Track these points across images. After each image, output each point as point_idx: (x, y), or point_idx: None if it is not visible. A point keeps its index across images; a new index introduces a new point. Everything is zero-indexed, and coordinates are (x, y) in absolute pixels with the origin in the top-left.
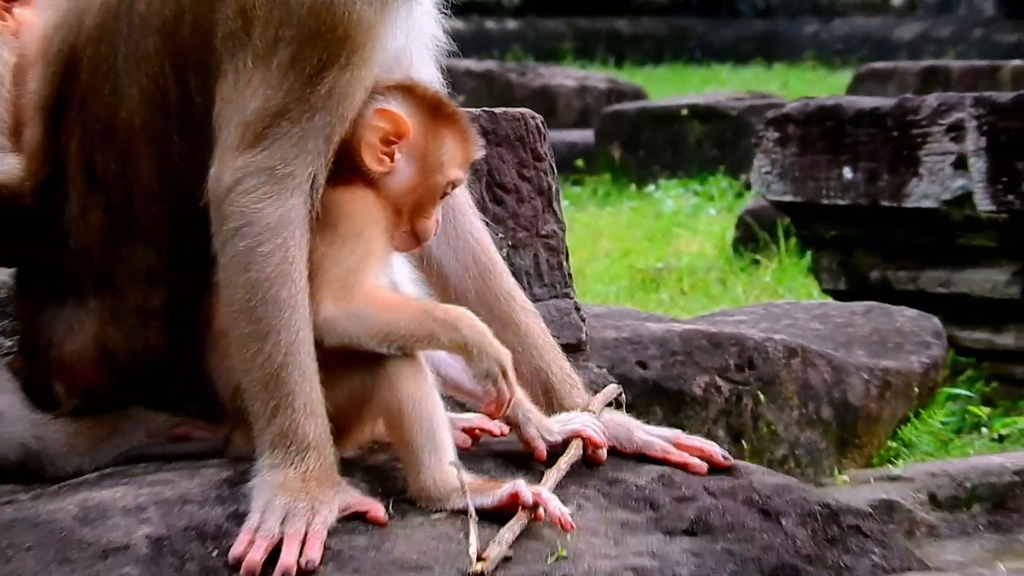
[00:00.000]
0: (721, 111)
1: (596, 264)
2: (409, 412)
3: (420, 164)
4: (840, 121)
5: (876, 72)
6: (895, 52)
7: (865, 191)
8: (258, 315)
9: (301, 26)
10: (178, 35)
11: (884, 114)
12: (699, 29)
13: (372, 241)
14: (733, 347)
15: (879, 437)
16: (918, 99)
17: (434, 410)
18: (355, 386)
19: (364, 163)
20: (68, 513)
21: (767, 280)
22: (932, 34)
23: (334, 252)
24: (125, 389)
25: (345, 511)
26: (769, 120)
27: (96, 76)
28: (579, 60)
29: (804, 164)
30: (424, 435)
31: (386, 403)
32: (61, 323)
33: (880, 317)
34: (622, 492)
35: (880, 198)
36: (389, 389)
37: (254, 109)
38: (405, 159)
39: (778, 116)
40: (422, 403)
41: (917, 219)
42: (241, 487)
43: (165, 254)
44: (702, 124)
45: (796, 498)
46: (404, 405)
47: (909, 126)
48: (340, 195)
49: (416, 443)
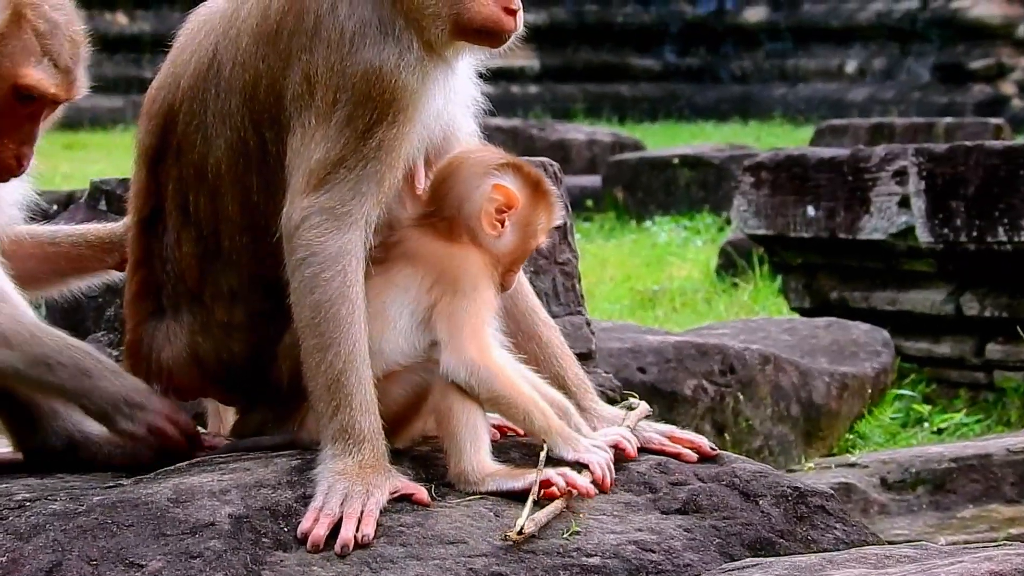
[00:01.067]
0: (706, 160)
1: (603, 287)
2: (457, 410)
3: (522, 231)
4: (805, 168)
5: (834, 128)
6: (849, 111)
7: (825, 225)
8: (321, 330)
9: (355, 91)
10: (256, 96)
11: (841, 162)
12: (688, 92)
13: (487, 293)
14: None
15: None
16: (868, 150)
17: (477, 410)
18: (414, 388)
19: (481, 227)
20: (163, 495)
21: (745, 299)
22: (879, 96)
23: (461, 303)
24: (212, 389)
25: (395, 494)
26: (746, 167)
27: (189, 128)
28: (589, 118)
29: (775, 203)
30: (467, 429)
31: (438, 402)
32: (160, 334)
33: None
34: (626, 478)
35: (838, 231)
36: (442, 391)
37: (317, 159)
38: (511, 226)
39: (753, 164)
40: (468, 404)
41: (869, 249)
42: (308, 474)
43: (246, 277)
44: (691, 170)
45: (771, 482)
46: (454, 404)
47: (861, 172)
48: (456, 253)
49: (460, 435)
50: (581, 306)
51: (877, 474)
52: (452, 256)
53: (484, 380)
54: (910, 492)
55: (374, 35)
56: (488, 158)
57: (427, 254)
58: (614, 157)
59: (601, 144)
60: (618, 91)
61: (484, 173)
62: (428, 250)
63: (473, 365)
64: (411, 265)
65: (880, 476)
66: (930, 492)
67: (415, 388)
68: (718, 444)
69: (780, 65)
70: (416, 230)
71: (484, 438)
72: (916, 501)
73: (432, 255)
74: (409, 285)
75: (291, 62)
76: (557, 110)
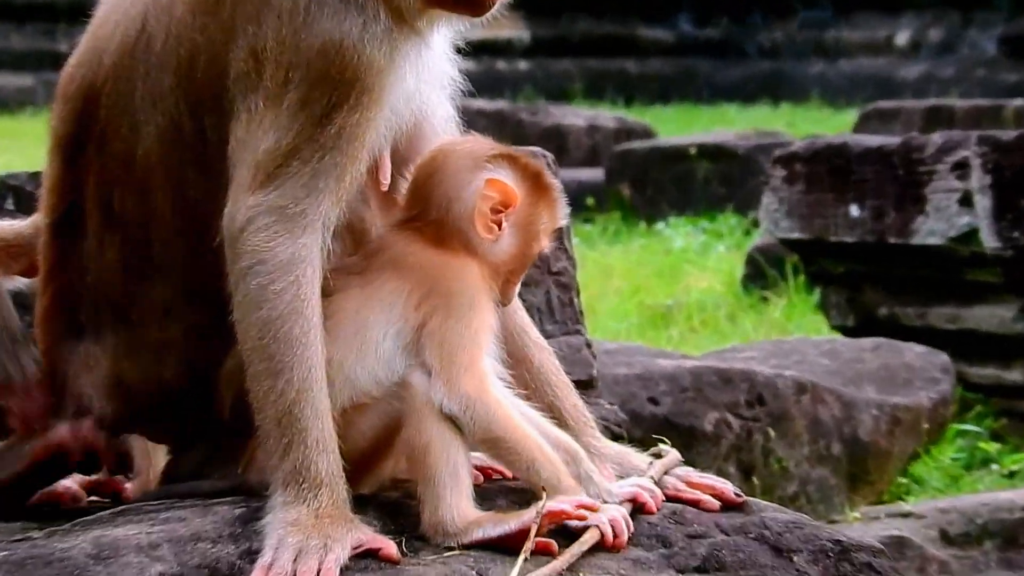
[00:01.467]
0: (729, 150)
1: (607, 301)
2: (436, 447)
3: (522, 234)
4: (847, 159)
5: (881, 111)
6: (899, 92)
7: (872, 228)
8: (270, 352)
9: (311, 68)
10: (193, 75)
11: (890, 152)
12: (706, 69)
13: (486, 312)
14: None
15: (889, 473)
16: (923, 138)
17: (459, 447)
18: (384, 420)
19: (474, 230)
20: (82, 551)
21: (776, 316)
22: (936, 74)
23: (455, 325)
24: (140, 423)
25: (358, 548)
26: (776, 158)
27: (114, 113)
28: (589, 100)
29: (811, 202)
30: (447, 470)
31: (413, 437)
32: (77, 357)
33: (888, 353)
34: (634, 529)
35: (887, 235)
36: (418, 424)
37: (265, 149)
38: (509, 228)
39: (785, 154)
40: (448, 440)
41: (924, 255)
42: (254, 524)
43: (181, 290)
44: (710, 162)
45: (807, 535)
46: (432, 440)
47: (915, 164)
48: (450, 263)
49: (438, 477)
50: (580, 324)
51: (936, 525)
52: (445, 266)
53: (481, 419)
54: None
55: (333, 2)
56: (478, 149)
57: (415, 264)
58: (619, 146)
59: (604, 131)
60: (623, 68)
61: (475, 167)
62: (416, 259)
63: (469, 400)
64: (397, 277)
65: (939, 528)
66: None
67: (385, 421)
68: (744, 489)
69: (817, 37)
70: (401, 235)
71: (466, 480)
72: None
73: (421, 265)
74: (395, 301)
75: (235, 34)
76: (551, 90)
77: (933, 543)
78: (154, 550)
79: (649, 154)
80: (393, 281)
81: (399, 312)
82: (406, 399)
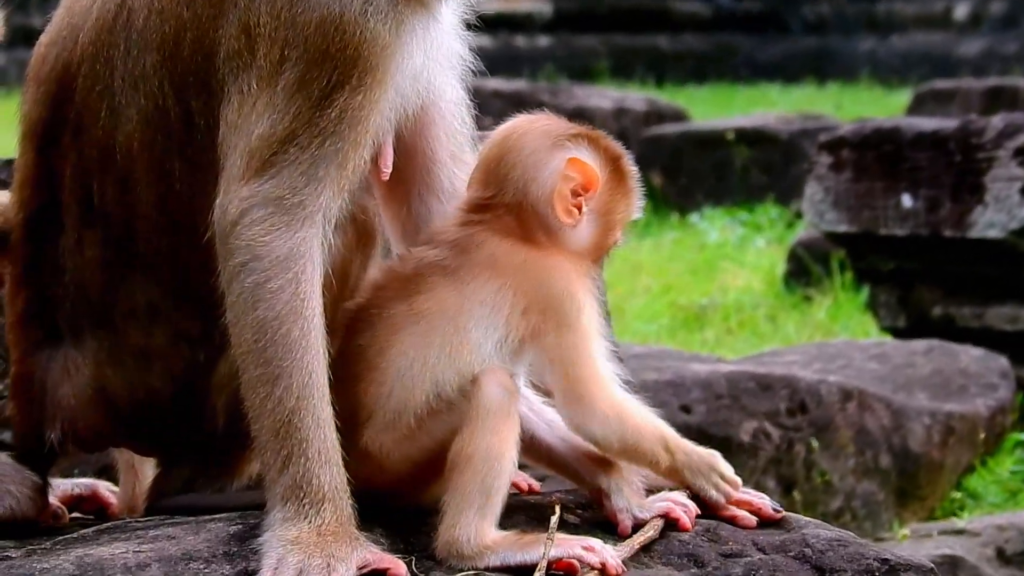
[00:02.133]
0: (770, 134)
1: (635, 300)
2: (478, 464)
3: (602, 221)
4: (898, 145)
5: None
6: (958, 70)
7: (926, 220)
8: (267, 357)
9: (308, 45)
10: (178, 53)
11: (946, 137)
12: (746, 46)
13: (594, 316)
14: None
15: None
16: (983, 120)
17: (503, 470)
18: (441, 429)
19: (554, 214)
20: (64, 571)
21: (820, 317)
22: (998, 50)
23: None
24: (124, 436)
25: (364, 569)
26: (822, 144)
27: (92, 95)
28: (616, 79)
29: (860, 191)
30: (481, 487)
31: (462, 445)
32: (56, 365)
33: (942, 357)
34: (664, 548)
35: (942, 228)
36: (471, 435)
37: (259, 135)
38: (589, 214)
39: (831, 140)
40: (497, 460)
41: (982, 250)
42: (251, 543)
43: (168, 290)
44: (749, 148)
45: (852, 553)
46: (477, 455)
47: (973, 150)
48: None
49: (469, 491)
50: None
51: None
52: (544, 267)
53: (616, 432)
54: None
55: None
56: (556, 127)
57: (513, 264)
58: (650, 130)
59: (632, 114)
60: (654, 44)
61: (554, 145)
62: (513, 259)
63: (604, 418)
64: (497, 278)
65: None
66: None
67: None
68: (784, 504)
69: (868, 10)
70: (486, 228)
71: (497, 503)
72: None
73: (520, 265)
74: (499, 304)
75: (224, 8)
76: (574, 69)
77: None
78: (142, 570)
79: (682, 139)
80: (493, 282)
81: (503, 318)
82: (471, 402)
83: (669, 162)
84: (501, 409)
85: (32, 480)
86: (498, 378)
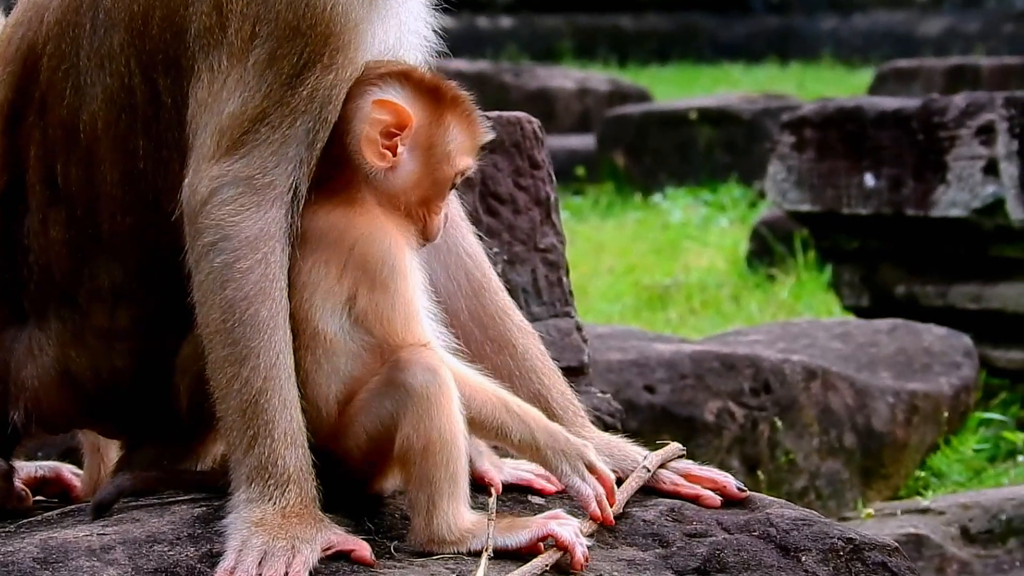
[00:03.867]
0: (733, 114)
1: (598, 281)
2: (435, 452)
3: (425, 156)
4: (861, 124)
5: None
6: (920, 49)
7: (889, 199)
8: (235, 337)
9: (279, 21)
10: (147, 31)
11: (908, 116)
12: (708, 25)
13: (408, 270)
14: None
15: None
16: (945, 99)
17: (460, 449)
18: (381, 417)
19: (365, 160)
20: (27, 554)
21: (784, 297)
22: (959, 30)
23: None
24: (89, 417)
25: (328, 550)
26: (784, 123)
27: (57, 75)
28: (579, 60)
29: (823, 171)
30: (446, 477)
31: (411, 436)
32: (20, 346)
33: (906, 336)
34: (628, 527)
35: (905, 207)
36: (416, 425)
37: (230, 113)
38: (408, 152)
39: (794, 119)
40: (451, 441)
41: (945, 229)
42: (215, 525)
43: (132, 270)
44: (712, 128)
45: (817, 532)
46: (430, 444)
47: (935, 128)
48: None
49: (436, 484)
50: (570, 306)
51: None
52: (353, 228)
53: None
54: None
55: None
56: (365, 72)
57: (326, 231)
58: (613, 111)
59: (595, 94)
60: (617, 24)
61: (361, 92)
62: (325, 225)
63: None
64: (316, 250)
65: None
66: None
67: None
68: (749, 484)
69: None
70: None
71: (465, 483)
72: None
73: (332, 231)
74: (322, 277)
75: None
76: (537, 49)
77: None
78: (107, 553)
79: (645, 119)
80: (313, 255)
81: (326, 288)
82: (402, 392)
83: (632, 142)
84: (434, 391)
85: None
86: (419, 359)
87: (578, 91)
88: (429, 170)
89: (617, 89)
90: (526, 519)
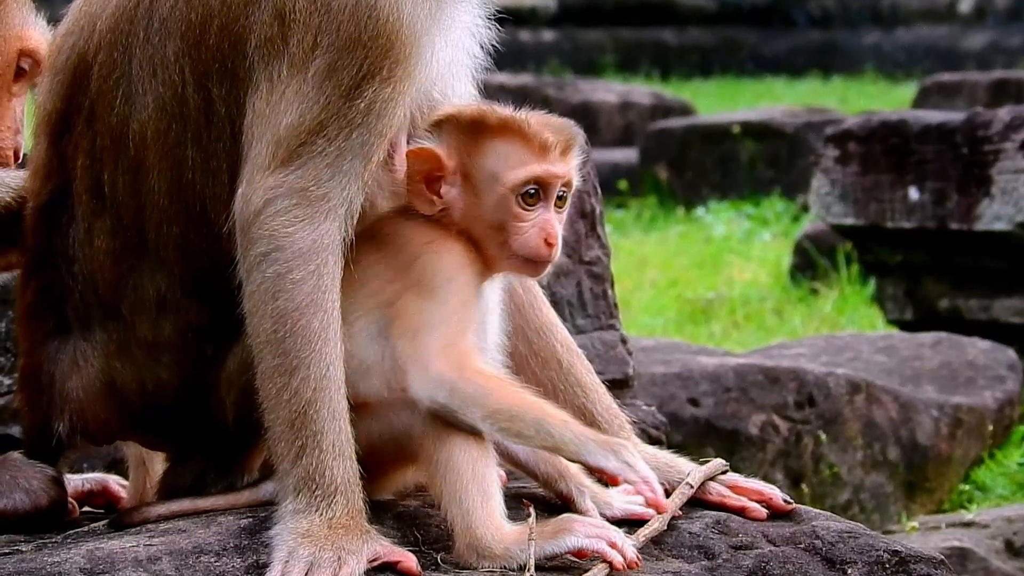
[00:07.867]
0: (775, 128)
1: (642, 294)
2: (459, 461)
3: (468, 186)
4: (905, 138)
5: (943, 85)
6: (963, 63)
7: (933, 213)
8: (286, 347)
9: (341, 32)
10: (203, 40)
11: (952, 129)
12: (751, 39)
13: (466, 293)
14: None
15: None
16: (989, 113)
17: (486, 456)
18: (391, 432)
19: (418, 209)
20: (75, 565)
21: (827, 310)
22: (1003, 44)
23: (426, 303)
24: (133, 430)
25: (374, 562)
26: (828, 137)
27: (107, 84)
28: (622, 73)
29: (866, 184)
30: (476, 487)
31: (432, 454)
32: (65, 357)
33: (950, 349)
34: (674, 540)
35: (949, 220)
36: (436, 439)
37: (288, 124)
38: (456, 189)
39: (837, 133)
40: (473, 450)
41: (989, 243)
42: (262, 535)
43: (177, 281)
44: (755, 142)
45: (862, 545)
46: (454, 454)
47: (979, 142)
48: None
49: (466, 494)
50: (615, 319)
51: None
52: (425, 242)
53: (468, 396)
54: None
55: None
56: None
57: (398, 239)
58: (655, 125)
59: (638, 108)
60: (660, 38)
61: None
62: (402, 234)
63: (444, 379)
64: (377, 250)
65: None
66: None
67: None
68: (794, 497)
69: (872, 3)
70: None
71: (498, 495)
72: None
73: (404, 240)
74: (370, 277)
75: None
76: (580, 63)
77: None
78: (153, 564)
79: (688, 133)
80: (373, 254)
81: (373, 287)
82: (415, 413)
83: (675, 156)
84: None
85: (47, 472)
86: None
87: (621, 105)
88: (479, 197)
89: (660, 103)
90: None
